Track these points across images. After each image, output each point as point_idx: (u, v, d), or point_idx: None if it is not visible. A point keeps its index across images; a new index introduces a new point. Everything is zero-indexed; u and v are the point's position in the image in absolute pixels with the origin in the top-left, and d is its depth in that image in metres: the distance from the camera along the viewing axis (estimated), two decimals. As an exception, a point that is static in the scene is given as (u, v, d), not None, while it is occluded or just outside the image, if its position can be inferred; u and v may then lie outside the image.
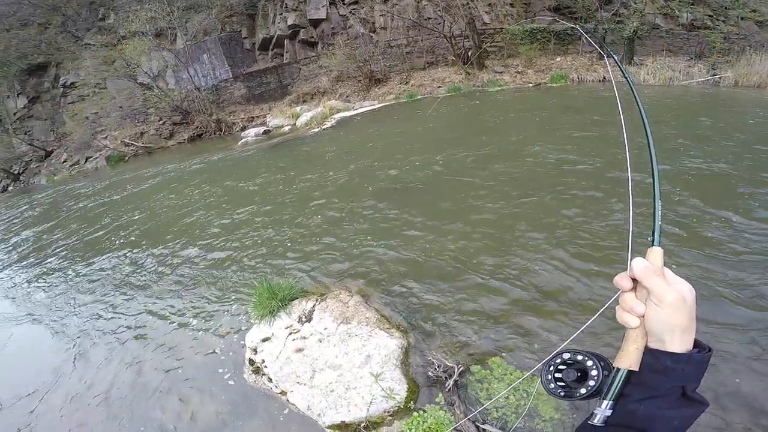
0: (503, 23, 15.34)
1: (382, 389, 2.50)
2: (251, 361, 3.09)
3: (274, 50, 20.40)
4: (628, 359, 0.60)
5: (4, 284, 6.65)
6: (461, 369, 2.52)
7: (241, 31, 20.83)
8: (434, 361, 2.59)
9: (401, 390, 2.49)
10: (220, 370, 3.16)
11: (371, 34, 17.91)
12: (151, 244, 6.22)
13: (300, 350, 2.95)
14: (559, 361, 0.66)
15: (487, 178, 5.27)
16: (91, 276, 5.73)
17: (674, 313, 0.57)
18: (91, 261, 6.32)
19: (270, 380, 2.88)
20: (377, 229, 4.61)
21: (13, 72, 26.67)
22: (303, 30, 19.23)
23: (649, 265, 0.61)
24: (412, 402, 2.42)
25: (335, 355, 2.83)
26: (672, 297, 0.57)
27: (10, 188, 24.93)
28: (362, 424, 2.38)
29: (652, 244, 0.64)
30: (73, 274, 6.03)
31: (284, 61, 19.84)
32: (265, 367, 2.96)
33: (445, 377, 2.48)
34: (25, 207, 14.51)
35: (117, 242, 6.86)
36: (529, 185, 4.81)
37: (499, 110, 9.47)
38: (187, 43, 20.19)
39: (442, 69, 15.41)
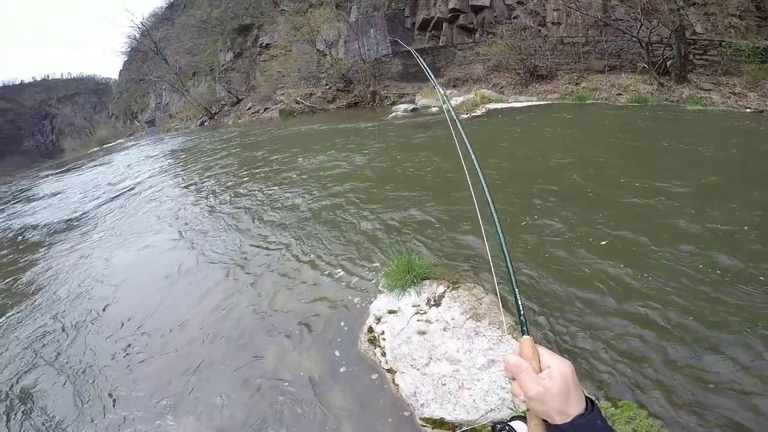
0: (723, 35, 12.38)
1: (500, 398, 2.31)
2: (370, 329, 3.10)
3: (432, 32, 20.60)
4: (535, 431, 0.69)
5: (171, 203, 8.14)
6: (591, 403, 2.20)
7: (404, 9, 21.52)
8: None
9: (521, 405, 2.25)
10: (336, 329, 3.21)
11: (540, 27, 16.50)
12: (308, 189, 6.94)
13: (423, 333, 2.89)
14: (499, 427, 0.81)
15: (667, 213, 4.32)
16: (246, 205, 6.72)
17: (540, 404, 0.66)
18: (250, 192, 7.43)
19: (383, 354, 2.84)
20: (531, 233, 4.18)
21: (227, 30, 33.00)
22: (463, 15, 18.93)
23: (517, 361, 0.70)
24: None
25: (457, 349, 2.70)
26: (533, 393, 0.66)
27: (206, 124, 31.35)
28: (461, 428, 2.24)
29: (521, 335, 0.74)
30: (234, 205, 7.16)
31: (440, 44, 19.88)
32: (383, 339, 2.94)
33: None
34: (213, 138, 18.07)
35: (275, 181, 7.92)
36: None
37: (699, 135, 7.65)
38: (359, 16, 21.76)
39: (627, 75, 13.26)
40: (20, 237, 8.65)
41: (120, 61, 53.60)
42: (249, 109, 27.80)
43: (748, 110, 10.14)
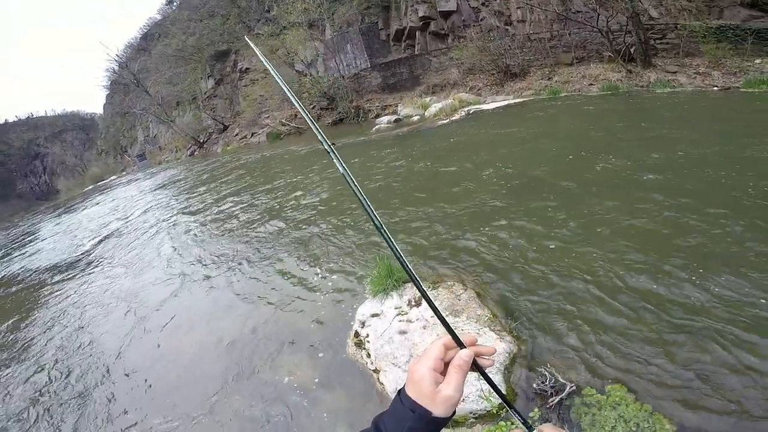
0: (677, 18, 12.92)
1: (481, 390, 2.47)
2: (356, 334, 3.31)
3: (407, 41, 21.06)
4: None
5: (166, 234, 8.49)
6: (572, 388, 2.33)
7: (378, 22, 21.93)
8: (547, 374, 2.45)
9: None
10: (327, 337, 3.43)
11: (506, 27, 17.03)
12: (290, 211, 7.23)
13: (403, 332, 3.10)
14: None
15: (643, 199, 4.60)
16: (240, 229, 6.99)
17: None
18: (245, 216, 7.69)
19: (368, 356, 3.03)
20: (506, 228, 4.40)
21: (205, 57, 33.42)
22: (433, 22, 19.40)
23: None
24: (503, 410, 2.33)
25: (435, 345, 2.92)
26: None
27: (196, 153, 31.62)
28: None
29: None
30: (222, 227, 7.42)
31: (416, 52, 20.36)
32: (368, 342, 3.14)
33: (552, 393, 2.33)
34: (202, 168, 18.29)
35: (262, 202, 8.19)
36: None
37: (673, 117, 7.94)
38: (334, 33, 22.21)
39: (596, 65, 13.70)
40: (26, 276, 8.91)
41: (102, 94, 54.07)
42: (236, 135, 28.13)
43: (715, 88, 10.52)
